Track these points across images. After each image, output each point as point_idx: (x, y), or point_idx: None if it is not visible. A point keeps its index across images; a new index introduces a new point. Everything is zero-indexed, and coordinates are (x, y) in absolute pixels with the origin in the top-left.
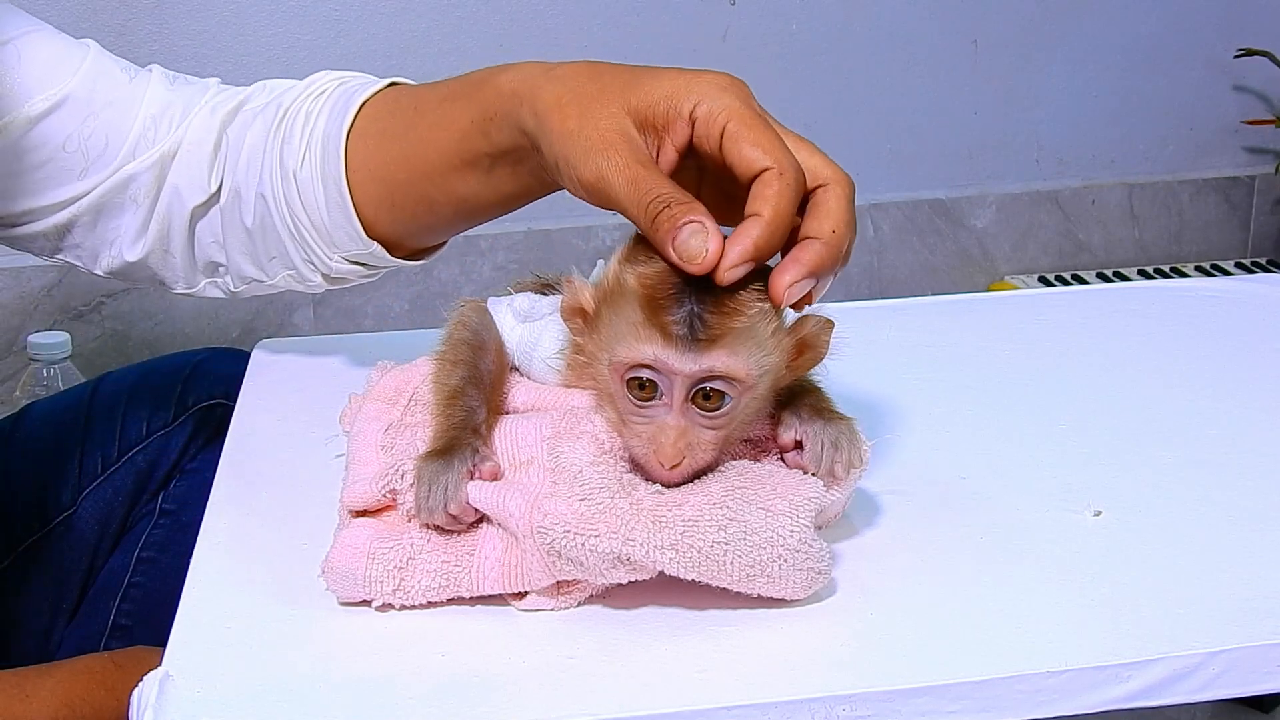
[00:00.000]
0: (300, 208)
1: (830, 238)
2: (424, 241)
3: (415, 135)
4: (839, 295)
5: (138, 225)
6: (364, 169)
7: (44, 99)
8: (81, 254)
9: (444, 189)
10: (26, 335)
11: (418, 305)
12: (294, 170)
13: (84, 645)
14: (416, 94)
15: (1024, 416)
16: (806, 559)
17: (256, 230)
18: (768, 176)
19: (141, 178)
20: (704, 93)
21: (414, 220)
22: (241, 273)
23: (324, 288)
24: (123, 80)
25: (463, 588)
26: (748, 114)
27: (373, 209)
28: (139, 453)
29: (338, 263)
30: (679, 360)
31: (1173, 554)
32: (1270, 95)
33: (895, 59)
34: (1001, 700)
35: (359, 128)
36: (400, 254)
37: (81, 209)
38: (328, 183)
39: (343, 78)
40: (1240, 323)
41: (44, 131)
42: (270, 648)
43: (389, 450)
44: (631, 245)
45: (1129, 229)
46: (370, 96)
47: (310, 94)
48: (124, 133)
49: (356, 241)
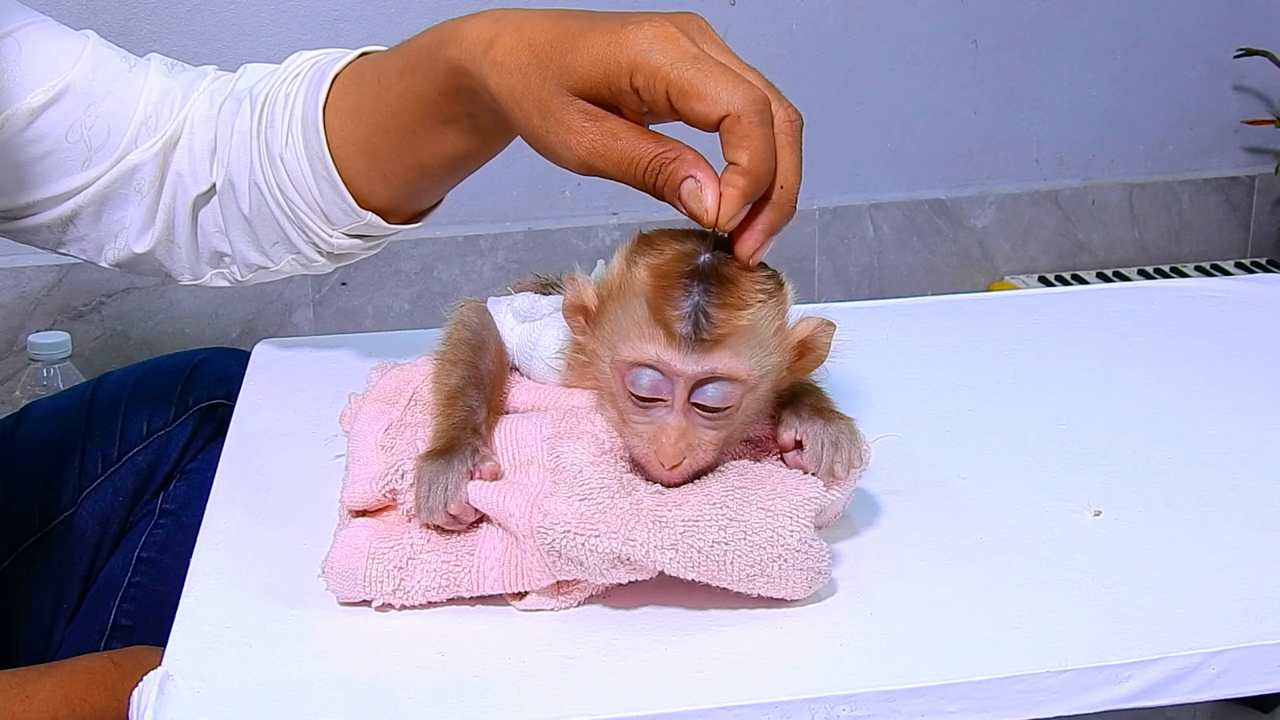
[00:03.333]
0: (292, 190)
1: (779, 195)
2: (423, 203)
3: (386, 108)
4: (839, 295)
5: (144, 216)
6: (347, 144)
7: (45, 91)
8: (86, 246)
9: (431, 151)
10: (26, 335)
11: (418, 305)
12: (280, 154)
13: (84, 645)
14: (379, 66)
15: (1024, 416)
16: (806, 559)
17: (254, 218)
18: (728, 123)
19: (145, 168)
20: (635, 61)
21: (407, 185)
22: (247, 260)
23: (330, 266)
24: (122, 69)
25: (463, 588)
26: (684, 66)
27: (363, 181)
28: (139, 453)
29: (338, 239)
30: (682, 361)
31: (1173, 554)
32: (1270, 95)
33: (895, 59)
34: (1001, 700)
35: (333, 104)
36: (398, 220)
37: (85, 200)
38: (313, 161)
39: (317, 56)
40: (1240, 323)
41: (46, 123)
42: (270, 648)
43: (389, 450)
44: (635, 242)
45: (1129, 229)
46: (341, 70)
47: (287, 76)
48: (125, 121)
49: (351, 215)
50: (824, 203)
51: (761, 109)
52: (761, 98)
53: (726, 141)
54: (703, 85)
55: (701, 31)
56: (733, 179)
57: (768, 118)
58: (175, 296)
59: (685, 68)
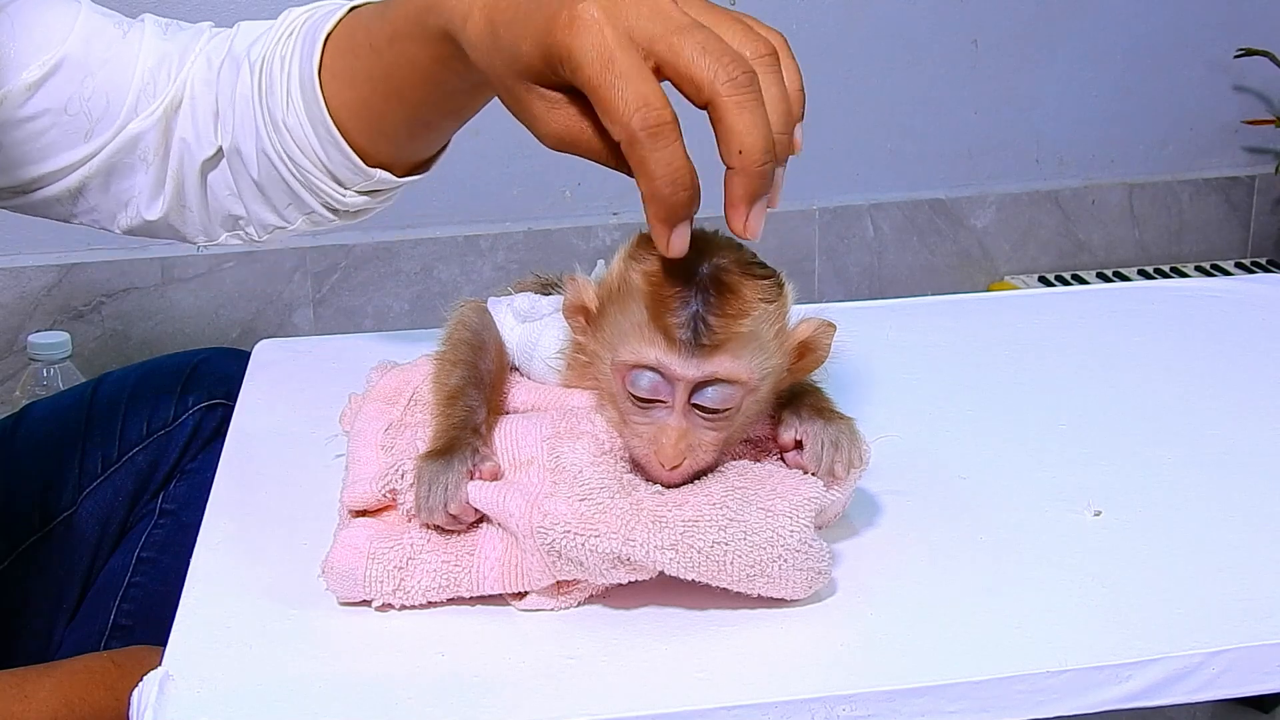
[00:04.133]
0: (299, 154)
1: (740, 161)
2: (428, 151)
3: (380, 73)
4: (839, 295)
5: (152, 183)
6: (346, 108)
7: (40, 65)
8: (98, 216)
9: (433, 108)
10: (26, 335)
11: (418, 305)
12: (283, 120)
13: (84, 645)
14: (369, 29)
15: (1024, 416)
16: (806, 559)
17: (265, 183)
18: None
19: (148, 135)
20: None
21: (413, 139)
22: (263, 221)
23: (345, 223)
24: (116, 36)
25: (463, 588)
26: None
27: (367, 141)
28: (139, 453)
29: (351, 197)
30: (682, 365)
31: (1173, 554)
32: (1270, 95)
33: (895, 59)
34: (1001, 700)
35: (328, 66)
36: (403, 171)
37: (92, 170)
38: (316, 126)
39: (309, 11)
40: (1240, 323)
41: (44, 97)
42: (270, 648)
43: (389, 450)
44: (636, 243)
45: (1129, 229)
46: (332, 30)
47: (281, 35)
48: (124, 89)
49: (360, 174)
50: (824, 203)
51: (654, 130)
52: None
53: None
54: (606, 96)
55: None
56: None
57: (663, 138)
58: (175, 296)
59: (597, 71)
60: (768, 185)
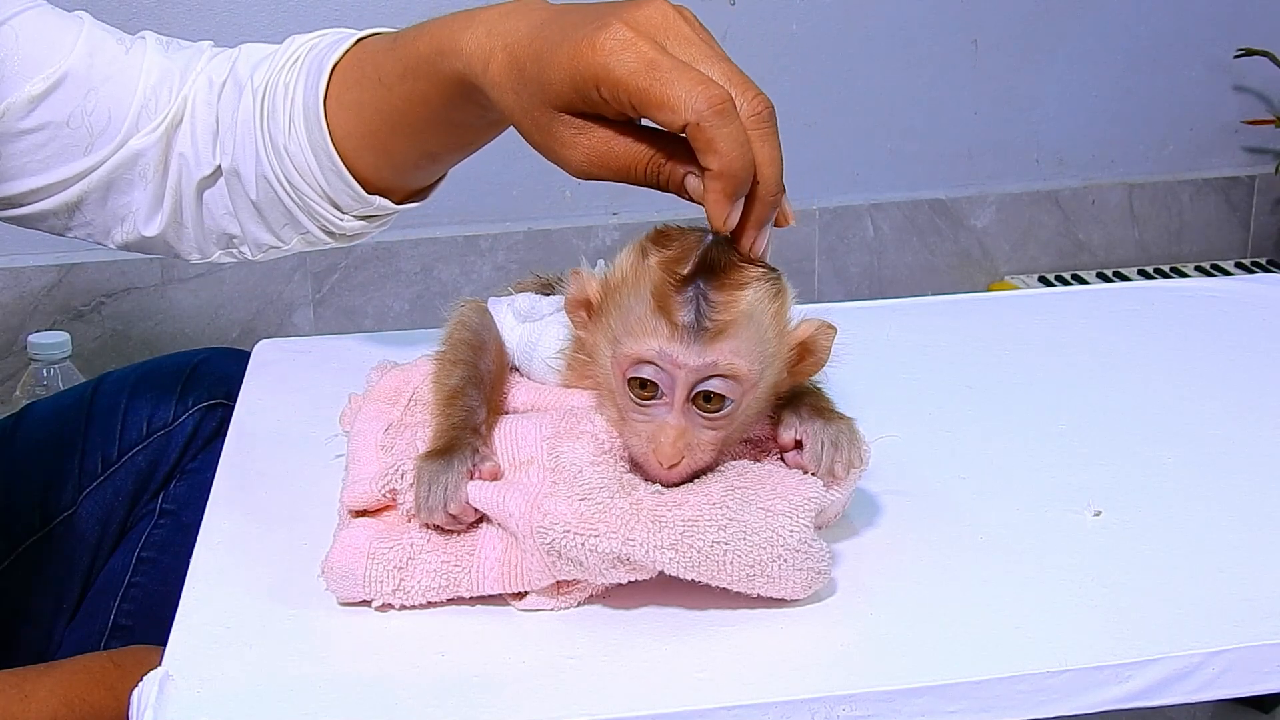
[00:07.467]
0: (299, 179)
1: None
2: (429, 180)
3: (389, 107)
4: (839, 295)
5: (151, 200)
6: (352, 138)
7: (43, 79)
8: (93, 230)
9: (441, 143)
10: (26, 335)
11: (418, 305)
12: (284, 146)
13: (84, 645)
14: (378, 64)
15: (1024, 416)
16: (806, 559)
17: (263, 205)
18: (691, 130)
19: (149, 153)
20: (597, 75)
21: (417, 170)
22: (258, 241)
23: (339, 245)
24: (119, 52)
25: (463, 588)
26: (641, 75)
27: (370, 170)
28: (139, 453)
29: (349, 222)
30: (684, 353)
31: (1173, 554)
32: (1270, 95)
33: (895, 59)
34: (1001, 700)
35: (334, 96)
36: (401, 198)
37: (90, 185)
38: (318, 153)
39: (314, 39)
40: (1240, 323)
41: (46, 111)
42: (270, 648)
43: (389, 450)
44: (648, 237)
45: (1129, 229)
46: (339, 60)
47: (285, 63)
48: (126, 105)
49: (359, 201)
50: (824, 203)
51: (721, 109)
52: (720, 97)
53: (695, 148)
54: (661, 94)
55: (665, 24)
56: (710, 184)
57: (730, 116)
58: (175, 296)
59: (643, 77)
60: (774, 213)
